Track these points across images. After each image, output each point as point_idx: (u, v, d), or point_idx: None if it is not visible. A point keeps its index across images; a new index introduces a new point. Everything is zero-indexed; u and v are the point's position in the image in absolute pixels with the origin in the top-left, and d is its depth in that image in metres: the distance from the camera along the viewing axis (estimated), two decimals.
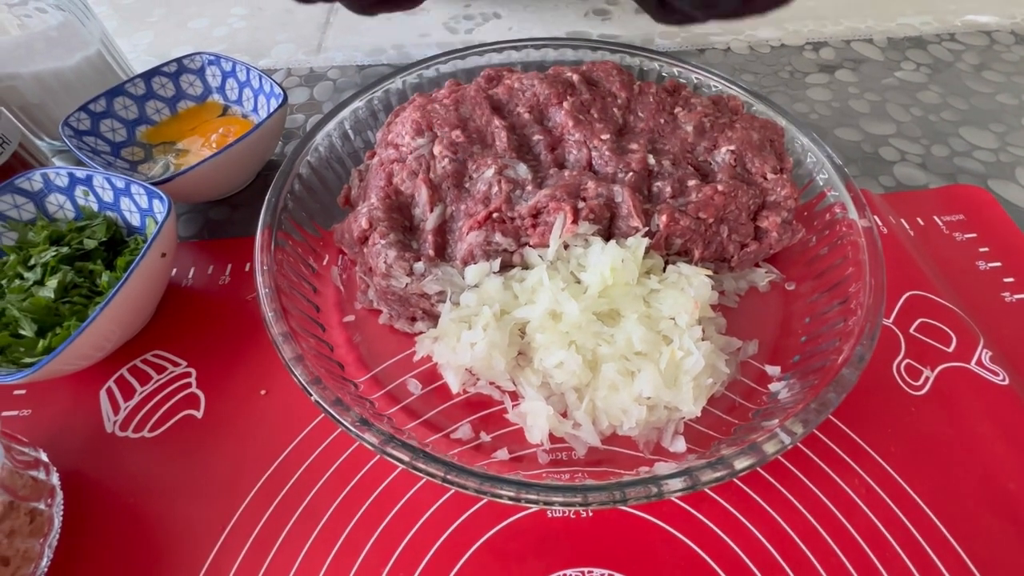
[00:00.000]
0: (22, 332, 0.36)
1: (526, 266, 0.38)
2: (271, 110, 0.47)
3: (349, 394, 0.33)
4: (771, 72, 0.65)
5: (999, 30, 0.71)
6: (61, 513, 0.33)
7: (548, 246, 0.37)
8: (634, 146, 0.42)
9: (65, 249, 0.40)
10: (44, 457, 0.34)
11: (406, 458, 0.29)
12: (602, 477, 0.30)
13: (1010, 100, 0.61)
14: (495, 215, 0.38)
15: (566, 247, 0.38)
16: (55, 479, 0.33)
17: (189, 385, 0.39)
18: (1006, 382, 0.38)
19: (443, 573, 0.31)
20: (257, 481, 0.34)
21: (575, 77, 0.46)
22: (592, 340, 0.35)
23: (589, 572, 0.31)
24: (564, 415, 0.35)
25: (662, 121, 0.45)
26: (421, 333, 0.39)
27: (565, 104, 0.43)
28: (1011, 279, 0.44)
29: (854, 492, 0.34)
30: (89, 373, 0.39)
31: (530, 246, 0.38)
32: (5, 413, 0.38)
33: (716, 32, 0.70)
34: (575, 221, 0.37)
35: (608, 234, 0.39)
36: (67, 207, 0.43)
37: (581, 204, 0.37)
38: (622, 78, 0.47)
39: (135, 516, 0.33)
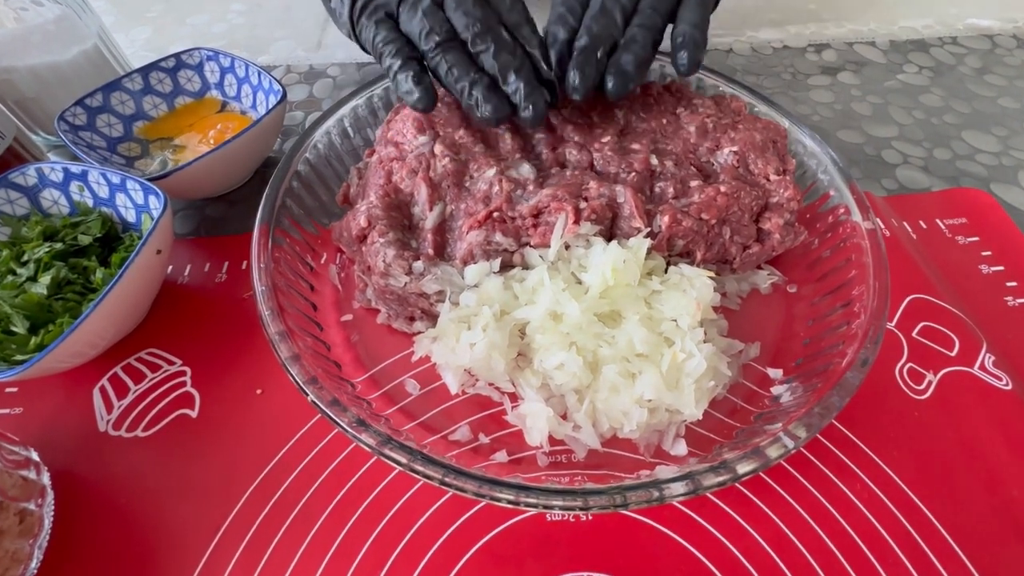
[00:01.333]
0: (14, 329, 0.36)
1: (526, 266, 0.38)
2: (270, 107, 0.47)
3: (346, 394, 0.33)
4: (773, 74, 0.65)
5: (1001, 34, 0.71)
6: (52, 514, 0.32)
7: (549, 246, 0.37)
8: (636, 146, 0.42)
9: (59, 245, 0.40)
10: (35, 456, 0.33)
11: (404, 460, 0.29)
12: (602, 480, 0.30)
13: (1012, 104, 0.61)
14: (496, 214, 0.37)
15: (567, 247, 0.37)
16: (46, 479, 0.33)
17: (184, 384, 0.38)
18: (1009, 387, 0.37)
19: None
20: (252, 482, 0.34)
21: None
22: (593, 341, 0.34)
23: None
24: (564, 417, 0.34)
25: (664, 121, 0.45)
26: (420, 333, 0.38)
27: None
28: (1014, 283, 0.44)
29: (856, 497, 0.33)
30: (82, 371, 0.38)
31: (531, 246, 0.38)
32: None
33: (718, 33, 0.70)
34: (577, 221, 0.36)
35: (610, 234, 0.38)
36: (62, 202, 0.43)
37: (583, 204, 0.37)
38: None
39: (127, 517, 0.33)
